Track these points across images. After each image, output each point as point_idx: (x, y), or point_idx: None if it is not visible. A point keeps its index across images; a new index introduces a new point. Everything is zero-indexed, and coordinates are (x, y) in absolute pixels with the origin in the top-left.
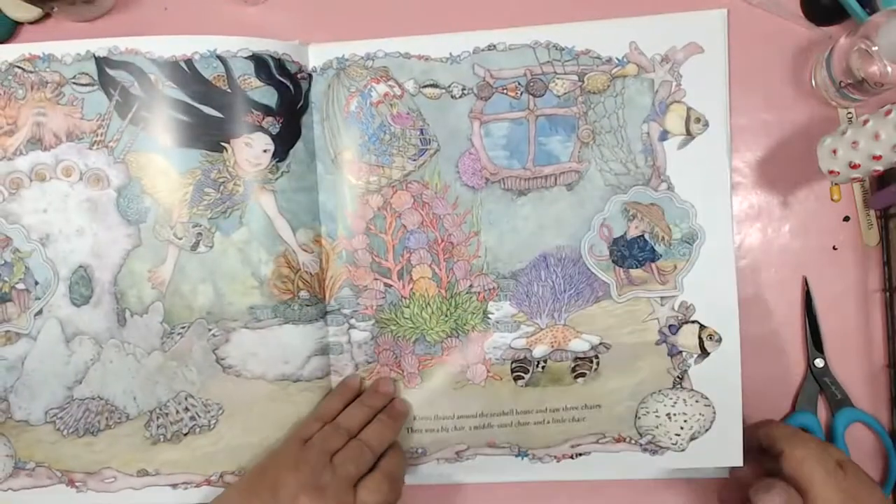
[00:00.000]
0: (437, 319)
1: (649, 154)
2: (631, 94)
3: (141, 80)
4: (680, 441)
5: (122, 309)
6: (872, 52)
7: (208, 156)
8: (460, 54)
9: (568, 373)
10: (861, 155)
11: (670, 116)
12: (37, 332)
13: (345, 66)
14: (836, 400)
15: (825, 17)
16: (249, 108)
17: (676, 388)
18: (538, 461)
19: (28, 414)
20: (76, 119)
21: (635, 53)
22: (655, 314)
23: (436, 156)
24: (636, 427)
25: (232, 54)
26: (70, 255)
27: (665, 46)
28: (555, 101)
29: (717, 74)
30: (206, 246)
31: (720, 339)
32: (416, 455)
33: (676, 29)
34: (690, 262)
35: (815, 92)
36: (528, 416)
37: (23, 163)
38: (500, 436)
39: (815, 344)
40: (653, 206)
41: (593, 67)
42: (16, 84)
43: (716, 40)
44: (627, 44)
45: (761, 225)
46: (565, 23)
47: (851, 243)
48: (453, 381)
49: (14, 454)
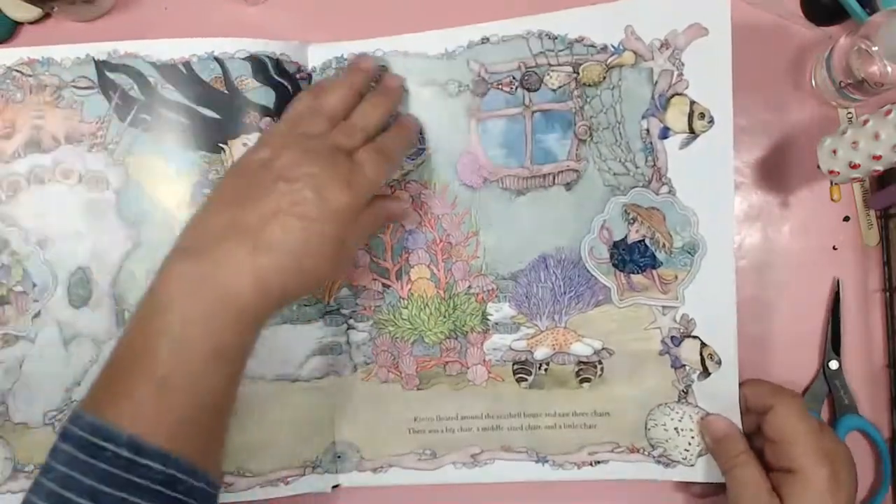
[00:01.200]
0: (435, 320)
1: (649, 153)
2: (629, 85)
3: (140, 83)
4: (689, 456)
5: (122, 310)
6: (872, 52)
7: (207, 157)
8: (455, 49)
9: (572, 377)
10: (861, 155)
11: (671, 111)
12: (35, 334)
13: (344, 65)
14: (843, 405)
15: (825, 17)
16: (247, 109)
17: (682, 403)
18: (559, 468)
19: (27, 416)
20: (75, 122)
21: (632, 39)
22: (657, 323)
23: (433, 154)
24: (647, 439)
25: (229, 56)
26: (69, 257)
27: (665, 30)
28: (550, 95)
29: (722, 62)
30: None
31: (720, 361)
32: (426, 457)
33: (677, 9)
34: (691, 273)
35: (815, 92)
36: (538, 420)
37: (21, 166)
38: (513, 439)
39: (833, 346)
40: (653, 211)
41: (588, 57)
42: (14, 87)
43: (720, 22)
44: (623, 28)
45: (761, 225)
46: (558, 10)
47: (851, 243)
48: (453, 382)
49: (13, 457)
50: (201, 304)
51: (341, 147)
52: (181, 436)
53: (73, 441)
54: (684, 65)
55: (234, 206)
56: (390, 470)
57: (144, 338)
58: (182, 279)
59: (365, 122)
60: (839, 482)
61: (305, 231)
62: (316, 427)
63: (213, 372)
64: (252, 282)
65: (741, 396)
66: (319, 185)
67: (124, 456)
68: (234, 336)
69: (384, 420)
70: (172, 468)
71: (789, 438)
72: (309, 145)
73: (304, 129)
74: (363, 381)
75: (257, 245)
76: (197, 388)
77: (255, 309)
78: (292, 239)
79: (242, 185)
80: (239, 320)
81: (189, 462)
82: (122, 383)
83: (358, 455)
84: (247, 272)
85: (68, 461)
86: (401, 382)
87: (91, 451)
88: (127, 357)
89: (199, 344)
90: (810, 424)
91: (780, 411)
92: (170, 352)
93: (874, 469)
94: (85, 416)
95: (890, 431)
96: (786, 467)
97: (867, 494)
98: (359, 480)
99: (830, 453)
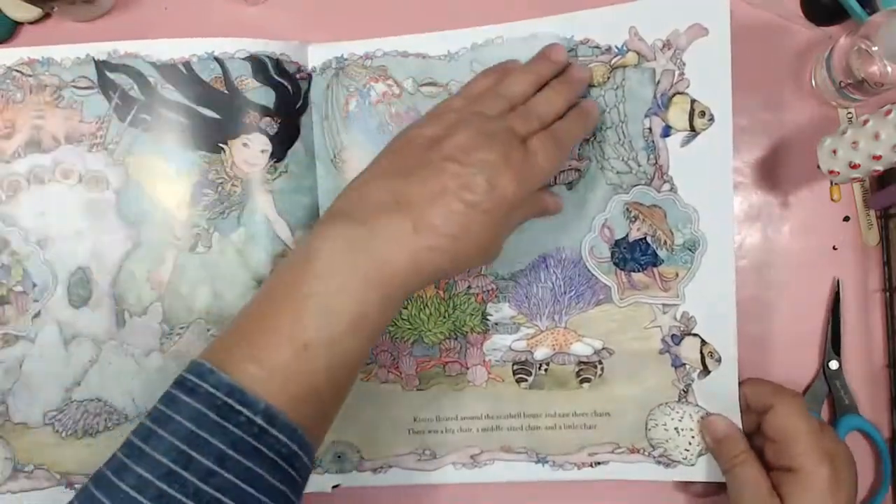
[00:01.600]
0: (435, 321)
1: (651, 152)
2: (632, 85)
3: (140, 83)
4: (689, 456)
5: (121, 310)
6: (872, 52)
7: (207, 157)
8: (458, 51)
9: (572, 377)
10: (861, 155)
11: (673, 110)
12: (35, 334)
13: (344, 65)
14: (843, 405)
15: (825, 17)
16: (247, 109)
17: (682, 402)
18: (560, 468)
19: (27, 416)
20: (75, 122)
21: (635, 40)
22: (657, 322)
23: None
24: (647, 439)
25: (229, 56)
26: (69, 257)
27: (666, 30)
28: None
29: (722, 61)
30: (205, 247)
31: (720, 358)
32: (425, 457)
33: (678, 10)
34: (692, 271)
35: (815, 92)
36: (538, 420)
37: (21, 166)
38: (513, 439)
39: (833, 346)
40: (655, 209)
41: (592, 58)
42: (14, 88)
43: (720, 21)
44: (627, 30)
45: (761, 225)
46: (563, 13)
47: (851, 243)
48: (453, 382)
49: (13, 457)
50: (353, 270)
51: (517, 132)
52: (306, 408)
53: (203, 398)
54: (685, 64)
55: (397, 179)
56: (390, 470)
57: (291, 300)
58: (337, 241)
59: (545, 109)
60: (840, 482)
61: (468, 216)
62: None
63: (350, 341)
64: (407, 258)
65: (741, 395)
66: (492, 172)
67: (258, 423)
68: (379, 307)
69: (384, 420)
70: (296, 443)
71: (790, 438)
72: (485, 127)
73: (482, 107)
74: (363, 381)
75: (418, 223)
76: (333, 357)
77: (404, 284)
78: (455, 222)
79: (409, 159)
80: (386, 293)
81: (307, 437)
82: (262, 345)
83: (358, 455)
84: (404, 247)
85: (196, 418)
86: (400, 383)
87: (224, 413)
88: (270, 316)
89: (345, 311)
90: (811, 424)
91: (780, 410)
92: (317, 317)
93: (874, 469)
94: (217, 374)
95: (890, 431)
96: (786, 466)
97: (867, 494)
98: (359, 480)
99: (831, 453)
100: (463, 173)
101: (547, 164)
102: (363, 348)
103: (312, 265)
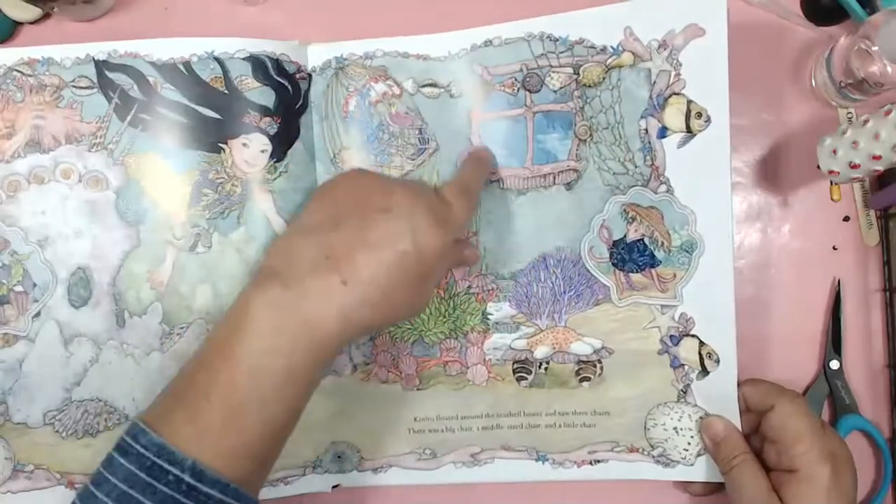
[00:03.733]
0: (435, 320)
1: (648, 153)
2: (627, 86)
3: (140, 83)
4: (689, 456)
5: (121, 310)
6: (872, 52)
7: (206, 157)
8: (458, 52)
9: (572, 376)
10: (861, 155)
11: (669, 111)
12: (35, 334)
13: (343, 65)
14: (844, 405)
15: (825, 17)
16: (247, 108)
17: (681, 403)
18: (559, 466)
19: (27, 416)
20: (75, 122)
21: (630, 40)
22: (656, 322)
23: (434, 155)
24: (647, 438)
25: (229, 56)
26: (69, 256)
27: (662, 30)
28: (551, 96)
29: (719, 62)
30: (205, 246)
31: (718, 359)
32: (425, 457)
33: (674, 10)
34: (689, 272)
35: (815, 92)
36: (538, 419)
37: (21, 165)
38: (512, 438)
39: (834, 346)
40: (652, 210)
41: (588, 58)
42: (14, 87)
43: (717, 22)
44: (622, 30)
45: (761, 225)
46: (559, 13)
47: (851, 243)
48: (453, 381)
49: (13, 457)
50: (283, 332)
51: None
52: (240, 462)
53: (135, 459)
54: (682, 65)
55: (326, 231)
56: (390, 470)
57: (223, 361)
58: (268, 308)
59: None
60: (840, 482)
61: (396, 267)
62: (316, 427)
63: (283, 397)
64: (336, 315)
65: (741, 396)
66: (417, 222)
67: (186, 481)
68: (310, 363)
69: (384, 420)
70: (231, 496)
71: (791, 437)
72: (409, 182)
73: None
74: (363, 381)
75: (348, 276)
76: (266, 414)
77: (335, 339)
78: (383, 274)
79: (338, 208)
80: (317, 349)
81: (242, 490)
82: (195, 405)
83: (358, 455)
84: (333, 304)
85: (128, 478)
86: (400, 382)
87: (154, 473)
88: (203, 380)
89: (276, 372)
90: (813, 423)
91: (782, 410)
92: (248, 377)
93: (874, 469)
94: (149, 434)
95: (890, 431)
96: (786, 466)
97: (867, 494)
98: (359, 480)
99: (832, 453)
100: (393, 223)
101: (463, 215)
102: (297, 404)
103: (244, 328)
